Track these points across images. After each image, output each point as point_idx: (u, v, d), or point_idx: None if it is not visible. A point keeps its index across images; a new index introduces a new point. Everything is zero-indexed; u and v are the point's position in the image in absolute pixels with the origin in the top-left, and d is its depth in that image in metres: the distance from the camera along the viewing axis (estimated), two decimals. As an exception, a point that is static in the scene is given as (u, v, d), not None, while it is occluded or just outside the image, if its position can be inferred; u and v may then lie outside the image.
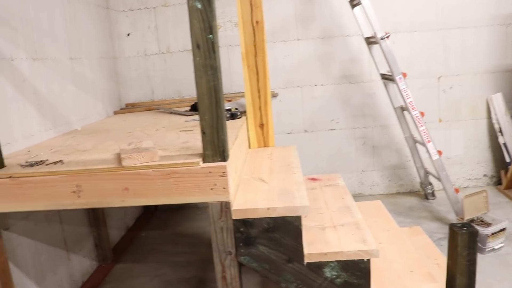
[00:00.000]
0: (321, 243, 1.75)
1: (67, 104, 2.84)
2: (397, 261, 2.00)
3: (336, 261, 1.69)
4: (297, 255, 1.68)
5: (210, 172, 1.62)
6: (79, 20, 3.14)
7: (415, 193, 4.07)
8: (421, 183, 3.86)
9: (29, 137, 2.37)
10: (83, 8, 3.22)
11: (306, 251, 1.69)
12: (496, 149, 4.02)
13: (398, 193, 4.12)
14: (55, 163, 1.83)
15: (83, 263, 2.86)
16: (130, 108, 3.77)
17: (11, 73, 2.26)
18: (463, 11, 3.79)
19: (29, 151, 2.18)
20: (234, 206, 1.67)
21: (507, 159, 3.87)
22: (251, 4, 2.56)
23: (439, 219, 3.46)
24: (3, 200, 1.72)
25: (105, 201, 1.71)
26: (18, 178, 1.71)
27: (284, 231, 1.66)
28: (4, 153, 1.97)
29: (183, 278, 2.87)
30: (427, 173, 3.75)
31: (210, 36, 1.56)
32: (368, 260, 1.69)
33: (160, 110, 3.45)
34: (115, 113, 3.64)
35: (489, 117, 3.98)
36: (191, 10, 1.54)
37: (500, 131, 3.90)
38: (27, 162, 1.88)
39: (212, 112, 1.61)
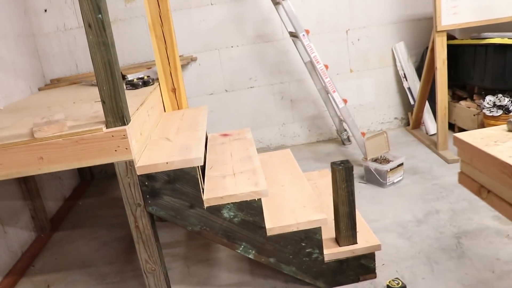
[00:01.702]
0: (219, 189, 2.02)
1: (-14, 85, 2.94)
2: (294, 199, 2.30)
3: (232, 203, 1.97)
4: (198, 201, 1.95)
5: (113, 136, 1.84)
6: (-10, 1, 3.19)
7: (333, 140, 4.43)
8: (337, 130, 4.20)
9: (-51, 120, 2.49)
10: (-8, -13, 3.27)
11: (205, 196, 1.96)
12: (404, 93, 4.41)
13: (318, 141, 4.46)
14: (-26, 141, 1.99)
15: (20, 235, 3.04)
16: (55, 83, 3.87)
17: None
18: (364, -34, 4.07)
19: (-50, 133, 2.31)
20: (138, 164, 1.91)
21: (412, 102, 4.26)
22: (152, -23, 2.72)
23: (352, 161, 3.81)
24: None
25: (24, 170, 1.91)
26: None
27: (184, 181, 1.92)
28: None
29: (117, 237, 3.11)
30: (341, 120, 4.09)
31: (99, 16, 1.74)
32: (259, 200, 1.98)
33: (82, 83, 3.58)
34: (40, 89, 3.74)
35: (395, 64, 4.34)
36: (79, -7, 1.72)
37: (405, 76, 4.27)
38: None
39: (109, 83, 1.81)
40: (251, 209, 1.98)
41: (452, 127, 4.13)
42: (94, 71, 1.80)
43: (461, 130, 4.06)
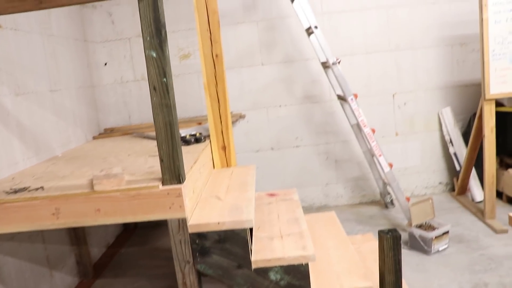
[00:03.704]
0: (267, 251, 2.04)
1: (48, 133, 3.12)
2: (339, 264, 2.30)
3: (279, 265, 1.98)
4: (246, 261, 1.98)
5: (168, 193, 1.91)
6: (58, 54, 3.42)
7: (376, 203, 4.39)
8: (381, 193, 4.18)
9: (13, 165, 2.64)
10: (61, 42, 3.51)
11: (253, 258, 1.98)
12: (449, 158, 4.37)
13: (361, 203, 4.44)
14: (36, 189, 2.11)
15: (65, 279, 3.12)
16: (108, 133, 4.05)
17: (-4, 109, 2.54)
18: (412, 33, 4.16)
19: (13, 178, 2.45)
20: (190, 222, 1.96)
21: (458, 168, 4.21)
22: (211, 40, 2.87)
23: (395, 225, 3.76)
24: (-9, 223, 1.99)
25: (81, 221, 1.99)
26: (4, 204, 1.98)
27: (233, 241, 1.96)
28: (-9, 182, 2.24)
29: (158, 289, 3.15)
30: (385, 183, 4.07)
31: (164, 79, 1.86)
32: (307, 264, 1.98)
33: (135, 134, 3.74)
34: (94, 138, 3.92)
35: (441, 129, 4.33)
36: (148, 58, 1.84)
37: (451, 142, 4.25)
38: (11, 189, 2.15)
39: (168, 143, 1.90)
40: (298, 273, 1.99)
41: (499, 195, 4.03)
42: (155, 130, 1.90)
43: (510, 199, 3.97)
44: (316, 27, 3.40)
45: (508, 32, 3.37)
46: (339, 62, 3.42)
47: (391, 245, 2.10)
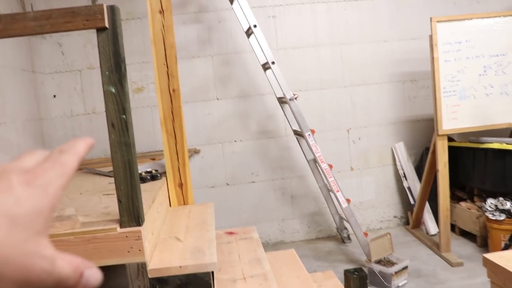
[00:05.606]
0: (231, 294, 1.95)
1: (-9, 171, 2.91)
2: (304, 305, 2.22)
3: (244, 310, 1.89)
4: (209, 307, 1.87)
5: (127, 236, 1.79)
6: (4, 85, 3.24)
7: (333, 238, 4.37)
8: (337, 228, 4.16)
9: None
10: (7, 73, 3.34)
11: (216, 303, 1.88)
12: (403, 192, 4.43)
13: (317, 238, 4.40)
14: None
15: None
16: (56, 168, 3.85)
17: None
18: (365, 70, 4.26)
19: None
20: (150, 266, 1.85)
21: (412, 201, 4.28)
22: (168, 74, 2.80)
23: (353, 261, 3.74)
24: None
25: (28, 268, 1.82)
26: None
27: (196, 286, 1.85)
28: None
29: (110, 336, 2.94)
30: (341, 218, 4.07)
31: (123, 116, 1.77)
32: (273, 308, 1.90)
33: (85, 170, 3.56)
34: (41, 174, 3.71)
35: (395, 163, 4.40)
36: (106, 94, 1.75)
37: (404, 176, 4.32)
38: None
39: (127, 183, 1.79)
40: (263, 318, 1.90)
41: (452, 227, 4.11)
42: (113, 170, 1.79)
43: (463, 231, 4.06)
44: (273, 62, 3.41)
45: (457, 70, 3.50)
46: (296, 98, 3.43)
47: (358, 285, 2.06)
